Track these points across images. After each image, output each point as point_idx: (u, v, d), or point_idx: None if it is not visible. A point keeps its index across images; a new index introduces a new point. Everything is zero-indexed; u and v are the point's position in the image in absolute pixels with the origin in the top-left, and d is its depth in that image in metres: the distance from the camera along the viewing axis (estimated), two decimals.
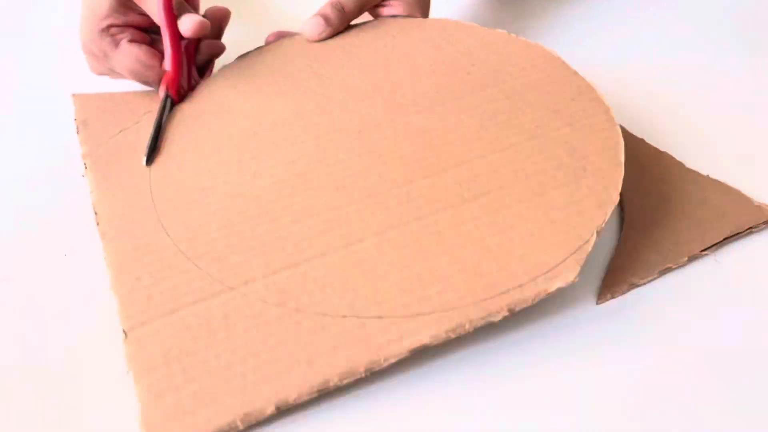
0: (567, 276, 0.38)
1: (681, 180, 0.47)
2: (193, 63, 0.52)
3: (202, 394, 0.34)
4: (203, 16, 0.52)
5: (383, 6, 0.55)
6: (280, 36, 0.54)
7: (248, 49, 0.54)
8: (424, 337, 0.36)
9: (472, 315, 0.37)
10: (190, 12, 0.49)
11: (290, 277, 0.39)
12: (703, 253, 0.43)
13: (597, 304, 0.41)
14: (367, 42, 0.53)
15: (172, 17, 0.49)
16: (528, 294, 0.38)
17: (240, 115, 0.48)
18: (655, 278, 0.42)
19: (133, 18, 0.50)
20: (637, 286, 0.42)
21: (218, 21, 0.53)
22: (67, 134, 0.51)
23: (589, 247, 0.40)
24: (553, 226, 0.41)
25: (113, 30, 0.49)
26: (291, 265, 0.39)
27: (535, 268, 0.39)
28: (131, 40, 0.50)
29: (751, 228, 0.44)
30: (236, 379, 0.35)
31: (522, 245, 0.40)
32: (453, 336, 0.37)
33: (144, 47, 0.50)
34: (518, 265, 0.39)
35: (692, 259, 0.43)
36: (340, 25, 0.53)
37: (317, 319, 0.37)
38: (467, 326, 0.37)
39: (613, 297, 0.42)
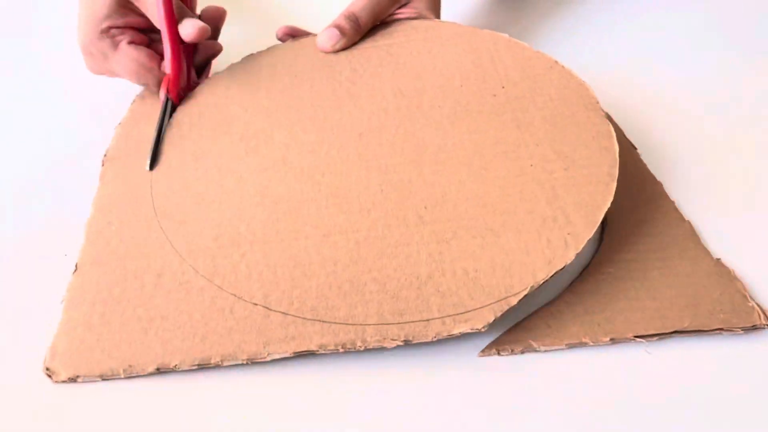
0: (476, 323, 0.37)
1: (681, 252, 0.43)
2: (191, 64, 0.52)
3: (106, 338, 0.38)
4: (199, 16, 0.53)
5: (396, 14, 0.55)
6: (291, 32, 0.55)
7: (244, 49, 0.54)
8: (312, 345, 0.37)
9: (369, 336, 0.37)
10: (190, 16, 0.50)
11: (227, 255, 0.41)
12: (636, 339, 0.38)
13: (478, 355, 0.39)
14: (413, 45, 0.53)
15: (173, 21, 0.49)
16: (430, 331, 0.37)
17: (250, 101, 0.50)
18: (560, 349, 0.39)
19: (132, 19, 0.50)
20: (535, 351, 0.39)
21: (215, 21, 0.54)
22: (68, 134, 0.52)
23: (513, 301, 0.38)
24: (492, 269, 0.39)
25: (113, 31, 0.50)
26: (234, 244, 0.42)
27: (451, 306, 0.38)
28: (130, 42, 0.50)
29: (720, 329, 0.39)
30: (138, 333, 0.38)
31: (450, 280, 0.39)
32: (342, 351, 0.37)
33: (143, 49, 0.50)
34: (436, 299, 0.38)
35: (617, 342, 0.39)
36: (355, 36, 0.53)
37: (230, 300, 0.39)
38: (359, 344, 0.37)
39: (498, 354, 0.39)
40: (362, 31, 0.53)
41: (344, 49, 0.53)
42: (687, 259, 0.42)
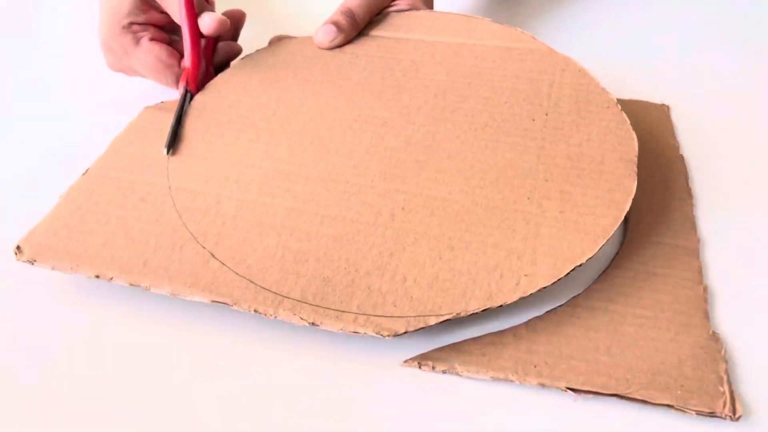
0: (384, 330, 0.36)
1: (675, 316, 0.38)
2: (211, 63, 0.53)
3: (73, 237, 0.41)
4: None
5: (391, 7, 0.54)
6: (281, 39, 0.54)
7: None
8: (228, 299, 0.38)
9: (282, 309, 0.37)
10: (210, 11, 0.50)
11: (206, 199, 0.43)
12: (567, 391, 0.35)
13: (401, 363, 0.37)
14: (483, 51, 0.51)
15: (193, 15, 0.50)
16: (339, 323, 0.37)
17: (304, 70, 0.51)
18: (484, 380, 0.36)
19: (153, 16, 0.51)
20: (458, 374, 0.36)
21: (234, 23, 0.54)
22: (68, 134, 0.52)
23: (431, 322, 0.37)
24: (430, 285, 0.38)
25: (135, 27, 0.50)
26: (216, 190, 0.43)
27: (371, 307, 0.37)
28: (151, 39, 0.51)
29: (670, 405, 0.34)
30: (98, 240, 0.41)
31: (385, 283, 0.38)
32: (250, 312, 0.37)
33: (164, 46, 0.51)
34: (361, 295, 0.38)
35: (546, 387, 0.35)
36: (352, 32, 0.52)
37: (185, 238, 0.41)
38: (270, 312, 0.37)
39: (420, 367, 0.36)
40: (359, 26, 0.53)
41: (342, 45, 0.53)
42: (677, 323, 0.37)
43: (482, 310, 0.36)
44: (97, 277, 0.39)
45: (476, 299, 0.36)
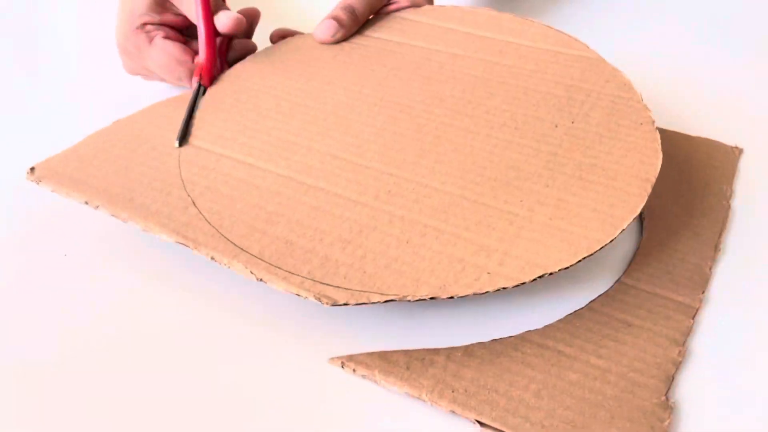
0: (324, 298, 0.36)
1: (628, 372, 0.35)
2: (225, 61, 0.52)
3: (80, 169, 0.44)
4: None
5: (391, 4, 0.54)
6: (282, 35, 0.53)
7: None
8: (191, 243, 0.39)
9: (236, 260, 0.38)
10: (226, 9, 0.50)
11: (209, 156, 0.44)
12: (476, 424, 0.33)
13: (328, 360, 0.37)
14: (530, 52, 0.49)
15: (209, 12, 0.49)
16: (284, 283, 0.37)
17: (341, 53, 0.51)
18: (405, 392, 0.35)
19: (168, 18, 0.51)
20: (375, 382, 0.35)
21: (249, 21, 0.53)
22: (68, 134, 0.50)
23: (374, 299, 0.36)
24: (386, 265, 0.37)
25: (148, 27, 0.51)
26: (224, 151, 0.44)
27: (320, 275, 0.37)
28: (165, 37, 0.50)
29: None
30: (99, 174, 0.43)
31: (343, 254, 0.38)
32: (208, 258, 0.38)
33: (177, 44, 0.50)
34: (316, 261, 0.38)
35: (456, 414, 0.33)
36: (353, 27, 0.52)
37: (176, 185, 0.42)
38: (225, 262, 0.38)
39: (342, 366, 0.36)
40: (360, 21, 0.52)
41: (343, 40, 0.52)
42: (628, 381, 0.34)
43: (430, 298, 0.35)
44: (86, 203, 0.42)
45: (428, 286, 0.35)
